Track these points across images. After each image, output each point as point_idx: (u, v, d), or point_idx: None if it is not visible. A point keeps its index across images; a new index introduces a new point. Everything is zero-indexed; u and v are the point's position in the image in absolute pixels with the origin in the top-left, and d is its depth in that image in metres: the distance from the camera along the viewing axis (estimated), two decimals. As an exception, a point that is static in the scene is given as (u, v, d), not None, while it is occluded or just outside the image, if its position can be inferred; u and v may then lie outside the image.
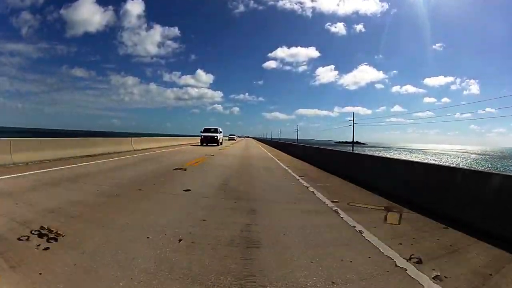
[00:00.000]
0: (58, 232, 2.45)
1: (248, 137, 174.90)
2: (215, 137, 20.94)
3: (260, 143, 42.64)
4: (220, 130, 23.36)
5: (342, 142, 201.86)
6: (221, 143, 23.16)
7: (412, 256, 2.29)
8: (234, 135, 64.57)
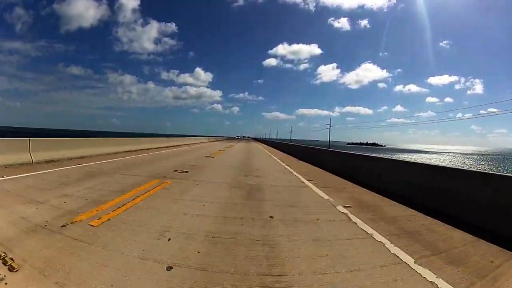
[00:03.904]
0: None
1: (249, 137, 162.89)
2: None
3: (273, 149, 25.49)
4: None
5: (356, 144, 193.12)
6: None
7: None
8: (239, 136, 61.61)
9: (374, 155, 7.95)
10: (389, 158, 6.76)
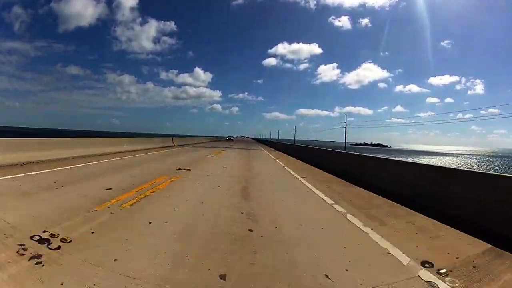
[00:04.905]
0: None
1: (248, 137, 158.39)
2: None
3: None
4: None
5: (360, 144, 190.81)
6: None
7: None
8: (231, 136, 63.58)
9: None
10: None
